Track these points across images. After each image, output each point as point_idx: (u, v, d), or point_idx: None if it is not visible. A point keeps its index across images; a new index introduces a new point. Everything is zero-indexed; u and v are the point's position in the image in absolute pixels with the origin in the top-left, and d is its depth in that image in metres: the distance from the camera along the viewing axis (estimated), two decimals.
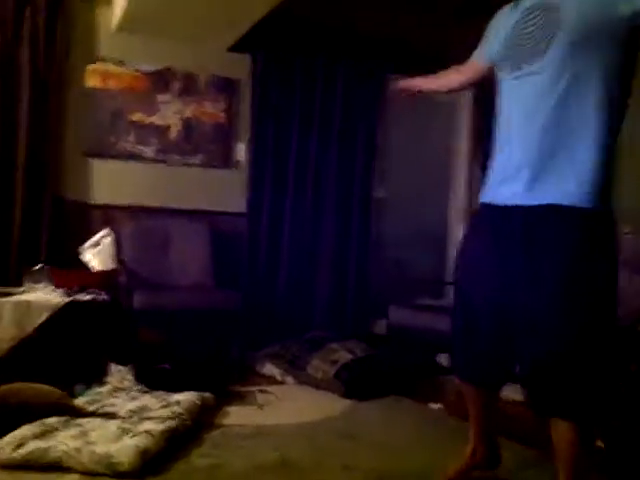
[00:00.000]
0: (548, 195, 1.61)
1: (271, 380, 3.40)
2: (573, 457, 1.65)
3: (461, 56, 2.05)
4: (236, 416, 2.71)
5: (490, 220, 1.78)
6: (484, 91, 4.45)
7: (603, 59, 1.56)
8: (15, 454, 2.01)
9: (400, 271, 4.51)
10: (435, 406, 2.96)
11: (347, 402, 3.02)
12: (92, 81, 3.87)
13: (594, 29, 1.54)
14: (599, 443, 2.31)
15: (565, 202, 1.59)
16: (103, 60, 3.89)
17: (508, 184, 1.69)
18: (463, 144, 4.91)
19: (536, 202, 1.63)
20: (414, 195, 4.64)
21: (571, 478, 1.65)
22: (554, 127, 1.59)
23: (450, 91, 2.16)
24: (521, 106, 1.67)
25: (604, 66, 1.56)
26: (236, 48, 4.10)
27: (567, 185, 1.59)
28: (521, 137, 1.66)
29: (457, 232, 4.85)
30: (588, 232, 1.59)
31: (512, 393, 2.47)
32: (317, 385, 3.24)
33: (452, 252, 4.81)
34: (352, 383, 3.12)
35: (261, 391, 3.07)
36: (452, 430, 2.61)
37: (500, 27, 1.79)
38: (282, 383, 3.36)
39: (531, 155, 1.63)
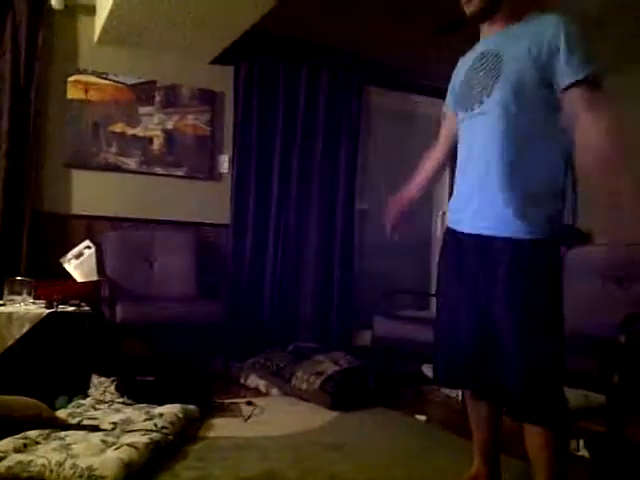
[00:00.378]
0: (491, 226, 1.75)
1: (256, 392, 3.38)
2: (545, 462, 1.73)
3: (439, 70, 2.06)
4: (221, 428, 2.68)
5: (452, 242, 1.92)
6: None
7: (540, 101, 1.70)
8: None
9: (384, 282, 4.51)
10: (421, 417, 2.96)
11: (333, 413, 3.01)
12: (73, 92, 3.84)
13: (528, 76, 1.68)
14: (585, 454, 2.33)
15: (506, 234, 1.72)
16: (85, 71, 3.87)
17: (462, 212, 1.85)
18: None
19: (483, 232, 1.77)
20: None
21: None
22: (497, 163, 1.72)
23: (440, 168, 2.22)
24: (472, 144, 1.82)
25: (541, 107, 1.70)
26: (219, 60, 4.12)
27: (507, 217, 1.71)
28: (470, 171, 1.82)
29: (440, 244, 4.89)
30: (529, 261, 1.70)
31: None
32: (302, 397, 3.22)
33: (435, 264, 4.85)
34: (338, 394, 3.10)
35: (247, 403, 3.04)
36: (438, 441, 2.62)
37: (459, 72, 1.94)
38: (267, 395, 3.34)
39: (478, 188, 1.78)
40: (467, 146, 1.85)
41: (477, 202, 1.78)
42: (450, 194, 2.02)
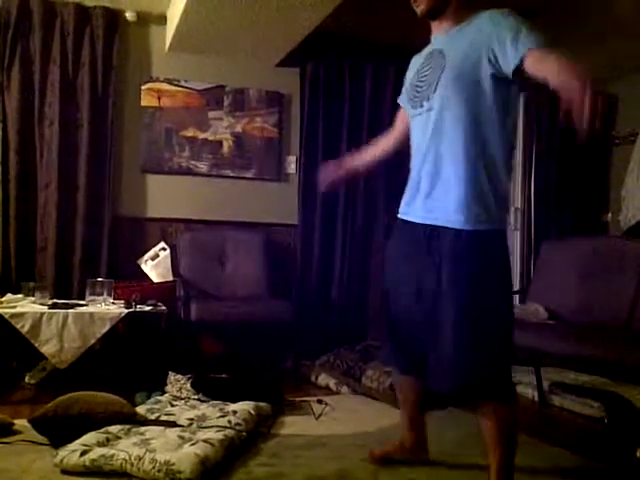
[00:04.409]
0: (436, 217, 1.86)
1: (326, 390, 3.40)
2: (498, 438, 1.87)
3: None
4: (292, 426, 2.71)
5: (403, 232, 2.03)
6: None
7: (485, 92, 1.76)
8: (81, 461, 2.06)
9: None
10: None
11: None
12: (147, 100, 3.99)
13: (465, 70, 1.77)
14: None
15: (448, 225, 1.82)
16: (157, 79, 4.01)
17: (412, 203, 1.98)
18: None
19: (429, 222, 1.89)
20: None
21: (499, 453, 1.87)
22: (434, 158, 1.85)
23: (389, 149, 2.34)
24: (419, 138, 1.94)
25: (485, 98, 1.77)
26: (285, 63, 4.17)
27: (448, 209, 1.82)
28: (417, 164, 1.94)
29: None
30: (471, 250, 1.80)
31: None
32: (373, 395, 3.22)
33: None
34: None
35: (317, 401, 3.07)
36: None
37: (410, 72, 2.09)
38: (337, 393, 3.35)
39: (422, 181, 1.91)
40: (417, 142, 1.96)
41: (423, 194, 1.90)
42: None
